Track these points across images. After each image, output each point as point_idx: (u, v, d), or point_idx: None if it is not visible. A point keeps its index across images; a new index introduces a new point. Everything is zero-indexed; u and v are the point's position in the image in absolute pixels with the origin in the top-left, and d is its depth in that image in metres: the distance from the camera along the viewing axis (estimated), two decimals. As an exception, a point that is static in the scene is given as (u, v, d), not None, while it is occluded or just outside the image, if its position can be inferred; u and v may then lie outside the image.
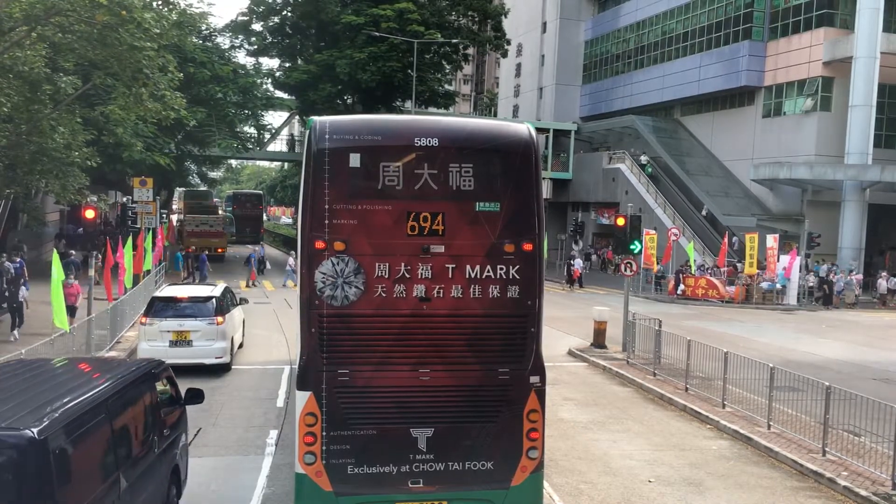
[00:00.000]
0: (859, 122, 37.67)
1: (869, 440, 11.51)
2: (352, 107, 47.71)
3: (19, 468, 5.47)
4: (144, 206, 31.76)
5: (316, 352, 7.44)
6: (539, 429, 7.76)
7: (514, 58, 62.03)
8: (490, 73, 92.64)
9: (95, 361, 10.09)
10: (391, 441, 7.50)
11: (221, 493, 9.93)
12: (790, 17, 41.81)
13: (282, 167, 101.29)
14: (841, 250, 38.16)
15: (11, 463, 5.46)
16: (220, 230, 48.08)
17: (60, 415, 5.96)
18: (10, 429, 5.54)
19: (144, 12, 16.94)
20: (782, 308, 32.85)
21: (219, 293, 17.58)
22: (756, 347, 21.00)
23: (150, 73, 18.09)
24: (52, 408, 6.04)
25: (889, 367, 19.77)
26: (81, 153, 20.96)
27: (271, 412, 13.74)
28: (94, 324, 17.26)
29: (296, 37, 48.78)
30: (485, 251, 7.51)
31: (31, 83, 17.74)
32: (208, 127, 40.69)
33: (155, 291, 19.44)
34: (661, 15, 50.41)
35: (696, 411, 14.26)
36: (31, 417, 5.74)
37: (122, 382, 7.37)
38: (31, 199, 29.42)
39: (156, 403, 8.16)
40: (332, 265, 7.37)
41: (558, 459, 11.42)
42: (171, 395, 8.87)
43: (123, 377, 7.51)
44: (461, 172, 7.48)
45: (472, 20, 50.41)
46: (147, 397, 7.95)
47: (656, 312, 22.03)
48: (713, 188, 43.60)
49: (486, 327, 7.59)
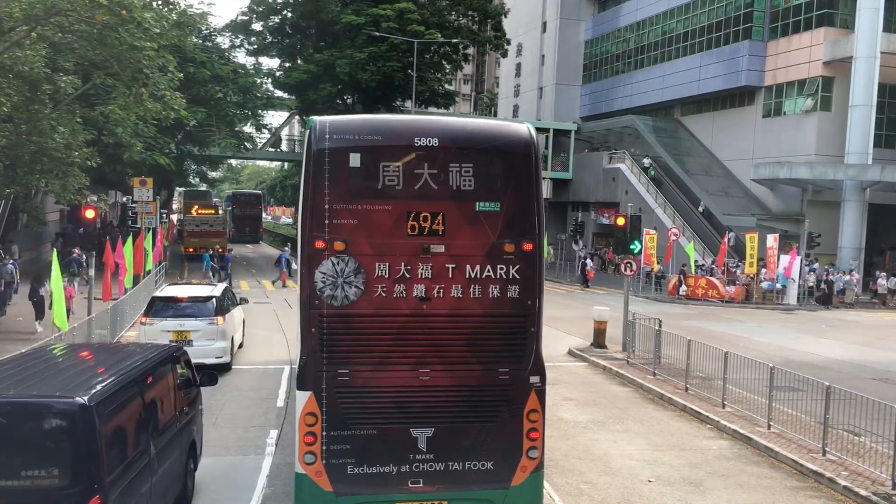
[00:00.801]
0: (859, 121, 37.67)
1: (869, 440, 11.51)
2: (352, 107, 47.72)
3: (72, 429, 6.44)
4: (144, 206, 31.78)
5: (316, 352, 7.44)
6: (539, 429, 7.76)
7: (514, 58, 62.03)
8: (490, 73, 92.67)
9: (124, 346, 11.14)
10: (391, 441, 7.49)
11: (221, 493, 9.92)
12: (790, 17, 41.80)
13: (282, 167, 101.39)
14: (841, 250, 38.15)
15: (66, 425, 6.46)
16: (220, 230, 48.06)
17: (103, 387, 6.95)
18: (65, 397, 6.57)
19: (144, 12, 16.93)
20: (782, 308, 32.85)
21: (219, 293, 17.57)
22: (756, 347, 21.00)
23: (150, 73, 18.10)
24: (96, 381, 7.05)
25: (889, 367, 19.77)
26: (81, 153, 20.96)
27: (271, 412, 13.74)
28: (95, 323, 17.25)
29: (296, 37, 48.80)
30: (485, 251, 7.51)
31: (31, 83, 17.74)
32: (208, 127, 40.70)
33: (155, 291, 19.44)
34: (661, 15, 50.41)
35: (696, 411, 14.26)
36: (80, 388, 6.76)
37: (150, 363, 8.36)
38: (31, 199, 29.43)
39: (177, 383, 9.14)
40: (332, 265, 7.37)
41: (558, 459, 11.42)
42: (189, 378, 9.76)
43: (151, 358, 8.48)
44: (461, 172, 7.47)
45: (472, 20, 50.44)
46: (170, 377, 8.91)
47: (656, 312, 22.03)
48: (713, 188, 43.60)
49: (486, 327, 7.59)
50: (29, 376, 7.34)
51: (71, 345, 10.20)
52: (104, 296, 20.91)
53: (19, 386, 6.98)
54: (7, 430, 6.36)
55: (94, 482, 6.37)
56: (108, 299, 20.62)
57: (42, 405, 6.56)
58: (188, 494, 9.34)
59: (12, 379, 7.17)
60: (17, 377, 7.24)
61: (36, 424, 6.48)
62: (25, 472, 6.30)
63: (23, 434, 6.42)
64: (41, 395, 6.74)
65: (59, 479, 6.33)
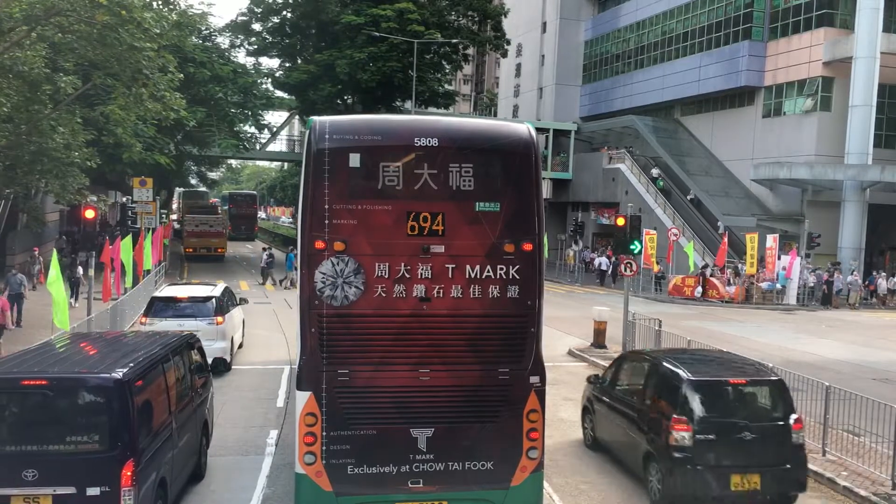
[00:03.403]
0: (859, 122, 37.66)
1: (869, 440, 11.51)
2: (352, 107, 47.70)
3: (108, 402, 7.46)
4: (144, 206, 31.76)
5: (316, 352, 7.45)
6: (539, 429, 7.77)
7: (513, 58, 61.99)
8: (490, 73, 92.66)
9: (145, 333, 12.18)
10: (391, 441, 7.50)
11: (221, 493, 9.93)
12: (790, 17, 41.79)
13: (282, 167, 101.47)
14: (841, 250, 38.14)
15: (103, 398, 7.51)
16: (220, 230, 48.05)
17: (134, 366, 7.96)
18: (102, 373, 7.66)
19: (144, 12, 16.92)
20: (782, 308, 32.84)
21: (218, 293, 17.57)
22: (756, 347, 20.99)
23: (149, 74, 18.07)
24: (127, 360, 8.06)
25: (889, 367, 19.76)
26: (81, 153, 20.94)
27: (271, 412, 13.74)
28: (94, 324, 17.24)
29: (296, 37, 48.76)
30: (485, 251, 7.51)
31: (31, 83, 17.72)
32: (208, 127, 40.66)
33: (155, 291, 19.44)
34: (661, 15, 50.40)
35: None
36: (115, 366, 7.82)
37: (170, 347, 9.41)
38: (30, 199, 29.42)
39: (191, 367, 10.23)
40: (332, 265, 7.37)
41: (558, 459, 11.42)
42: (201, 363, 10.89)
43: (170, 343, 9.54)
44: (461, 172, 7.48)
45: (472, 20, 50.40)
46: (186, 361, 10.00)
47: (656, 312, 22.03)
48: (713, 188, 43.58)
49: (486, 327, 7.59)
50: (64, 358, 8.47)
51: (98, 332, 11.48)
52: (104, 296, 20.90)
53: (61, 365, 8.11)
54: (53, 401, 7.42)
55: (128, 448, 7.34)
56: (108, 299, 20.62)
57: (84, 380, 7.62)
58: (201, 472, 10.25)
59: (51, 360, 8.25)
60: (55, 358, 8.36)
61: (78, 397, 7.54)
62: (70, 438, 7.32)
63: (67, 405, 7.47)
64: (82, 372, 7.82)
65: (100, 444, 7.35)
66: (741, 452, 9.26)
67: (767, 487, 9.32)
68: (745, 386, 9.85)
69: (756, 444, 9.26)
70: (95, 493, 7.17)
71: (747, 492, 9.23)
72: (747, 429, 9.31)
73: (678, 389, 9.59)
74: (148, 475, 7.75)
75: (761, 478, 9.22)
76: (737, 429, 9.32)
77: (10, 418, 7.47)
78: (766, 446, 9.32)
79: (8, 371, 7.79)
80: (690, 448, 9.20)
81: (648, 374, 10.52)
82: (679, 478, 9.20)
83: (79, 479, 7.17)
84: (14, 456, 7.18)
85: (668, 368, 10.03)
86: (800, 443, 9.58)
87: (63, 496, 7.14)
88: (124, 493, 7.22)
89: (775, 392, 9.78)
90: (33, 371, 7.74)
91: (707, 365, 10.64)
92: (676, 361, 10.21)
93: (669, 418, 9.39)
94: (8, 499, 7.13)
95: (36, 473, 7.10)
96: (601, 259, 41.33)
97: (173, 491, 8.83)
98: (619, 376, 11.51)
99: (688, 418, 9.32)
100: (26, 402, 7.49)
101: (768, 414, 9.72)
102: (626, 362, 11.69)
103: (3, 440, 7.27)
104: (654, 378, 10.29)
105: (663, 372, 10.09)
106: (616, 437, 11.08)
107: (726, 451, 9.27)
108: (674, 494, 9.32)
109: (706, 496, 9.22)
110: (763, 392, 9.93)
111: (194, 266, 42.05)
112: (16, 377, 7.58)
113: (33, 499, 7.14)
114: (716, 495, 9.19)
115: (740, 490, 9.20)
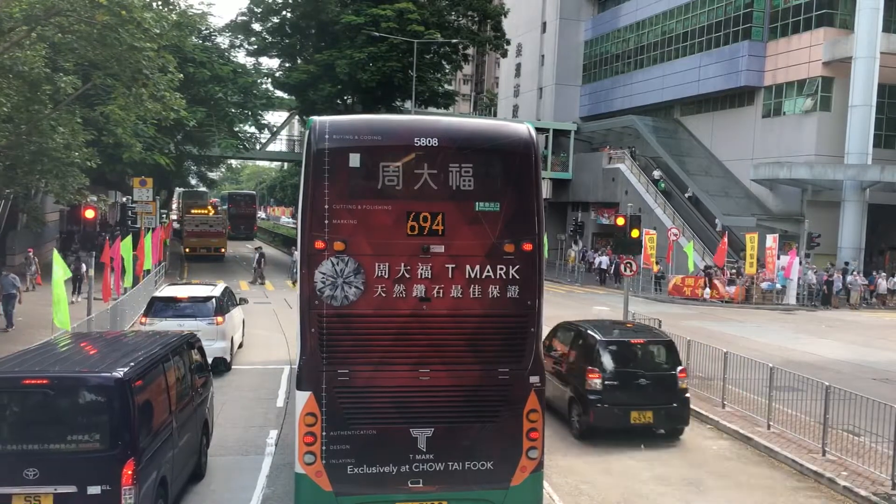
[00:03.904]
0: (859, 122, 37.66)
1: (869, 440, 11.51)
2: (352, 107, 47.67)
3: (109, 401, 7.50)
4: (144, 206, 31.74)
5: (316, 352, 7.45)
6: (539, 429, 7.77)
7: (513, 58, 61.98)
8: (490, 73, 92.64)
9: (145, 333, 12.11)
10: (391, 441, 7.50)
11: (221, 492, 9.93)
12: (790, 17, 41.79)
13: (282, 167, 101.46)
14: (841, 250, 38.14)
15: (103, 398, 7.55)
16: (220, 230, 48.03)
17: (135, 365, 8.00)
18: (104, 372, 7.71)
19: (144, 12, 16.92)
20: (782, 308, 32.85)
21: (218, 293, 17.56)
22: (756, 347, 21.00)
23: (149, 74, 18.06)
24: (128, 360, 8.11)
25: (889, 367, 19.77)
26: (81, 153, 20.92)
27: (271, 412, 13.74)
28: (94, 324, 17.24)
29: (296, 37, 48.74)
30: (485, 251, 7.52)
31: (31, 83, 17.71)
32: (208, 127, 40.62)
33: (155, 291, 19.43)
34: (660, 15, 50.39)
35: (695, 411, 14.22)
36: (115, 365, 7.85)
37: (171, 347, 9.46)
38: (30, 199, 29.41)
39: (192, 367, 10.28)
40: (332, 265, 7.38)
41: (558, 459, 11.43)
42: (201, 363, 10.93)
43: (170, 343, 9.59)
44: (461, 172, 7.48)
45: (472, 20, 50.36)
46: (186, 361, 10.06)
47: (656, 312, 22.03)
48: (713, 188, 43.57)
49: (486, 327, 7.60)
50: (65, 357, 8.51)
51: (98, 332, 11.43)
52: (104, 296, 20.90)
53: (62, 364, 8.16)
54: (54, 400, 7.47)
55: (128, 447, 7.38)
56: (109, 299, 20.61)
57: (84, 379, 7.67)
58: (202, 471, 10.28)
59: (52, 360, 8.28)
60: (56, 358, 8.39)
61: (79, 396, 7.58)
62: (71, 437, 7.35)
63: (68, 404, 7.52)
64: (83, 371, 7.88)
65: (100, 443, 7.38)
66: (638, 394, 12.23)
67: (659, 421, 12.38)
68: (642, 345, 12.89)
69: (649, 388, 12.25)
70: (96, 491, 7.22)
71: (643, 424, 12.23)
72: (643, 377, 12.31)
73: (593, 347, 12.55)
74: (148, 474, 7.79)
75: (654, 413, 12.23)
76: (635, 376, 12.33)
77: (11, 417, 7.51)
78: (657, 390, 12.28)
79: (9, 370, 7.83)
80: (601, 391, 12.14)
81: (574, 339, 13.38)
82: (593, 413, 12.10)
83: (80, 478, 7.21)
84: (15, 455, 7.22)
85: (587, 332, 12.99)
86: (683, 388, 12.50)
87: (64, 495, 7.18)
88: (125, 492, 7.27)
89: (666, 349, 12.83)
90: (34, 370, 7.79)
91: (617, 329, 13.74)
92: (593, 327, 13.23)
93: (585, 370, 12.26)
94: (9, 498, 7.16)
95: (37, 472, 7.14)
96: (602, 258, 41.42)
97: (173, 490, 8.88)
98: (554, 343, 13.99)
99: (599, 369, 12.26)
100: (27, 401, 7.54)
101: (660, 366, 12.67)
102: (560, 331, 14.21)
103: (5, 439, 7.30)
104: (578, 341, 13.19)
105: (583, 335, 13.05)
106: (550, 390, 12.38)
107: (627, 393, 12.21)
108: (589, 426, 12.20)
109: (612, 427, 12.19)
110: (658, 349, 12.93)
111: (194, 266, 42.05)
112: (17, 376, 7.63)
113: (34, 498, 7.17)
114: (619, 427, 12.16)
115: (638, 423, 12.18)
